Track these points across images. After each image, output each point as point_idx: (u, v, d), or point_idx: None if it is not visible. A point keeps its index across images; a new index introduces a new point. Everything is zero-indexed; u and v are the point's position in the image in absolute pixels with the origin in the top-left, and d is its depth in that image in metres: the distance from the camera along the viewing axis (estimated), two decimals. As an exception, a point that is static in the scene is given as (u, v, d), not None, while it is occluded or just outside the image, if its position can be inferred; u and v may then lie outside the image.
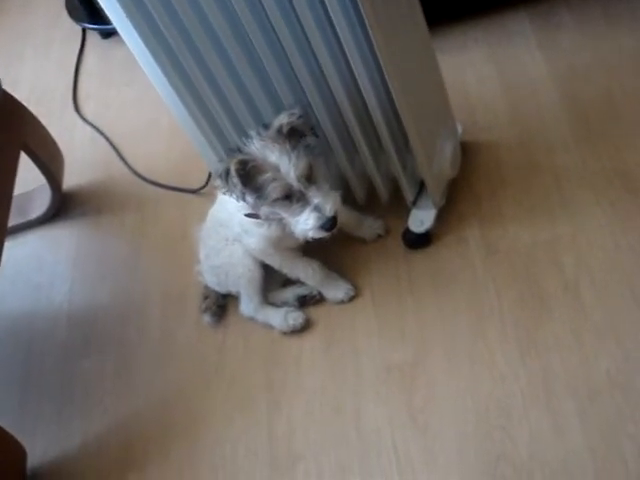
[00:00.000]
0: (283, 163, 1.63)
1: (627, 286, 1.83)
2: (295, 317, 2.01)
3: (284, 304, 2.06)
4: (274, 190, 1.65)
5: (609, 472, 1.61)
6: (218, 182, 1.69)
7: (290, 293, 2.06)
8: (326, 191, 1.69)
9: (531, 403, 1.74)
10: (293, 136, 1.66)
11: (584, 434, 1.66)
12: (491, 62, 2.37)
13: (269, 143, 1.64)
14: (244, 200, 1.68)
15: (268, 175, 1.63)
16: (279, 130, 1.66)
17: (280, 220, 1.77)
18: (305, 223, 1.69)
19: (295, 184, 1.65)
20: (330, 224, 1.68)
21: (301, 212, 1.68)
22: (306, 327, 2.01)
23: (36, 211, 2.53)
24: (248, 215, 1.81)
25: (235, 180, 1.61)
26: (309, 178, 1.67)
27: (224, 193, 1.69)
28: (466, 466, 1.70)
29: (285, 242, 1.91)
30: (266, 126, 1.69)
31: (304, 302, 2.05)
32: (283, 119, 1.66)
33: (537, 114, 2.21)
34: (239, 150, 1.67)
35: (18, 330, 2.32)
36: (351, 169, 1.96)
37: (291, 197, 1.67)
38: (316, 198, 1.67)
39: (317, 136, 1.73)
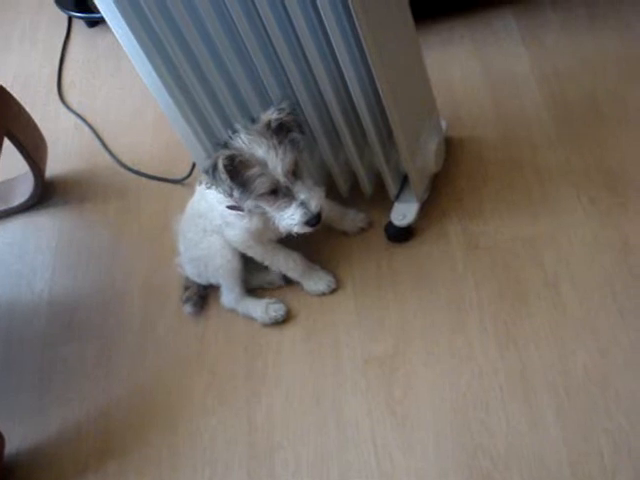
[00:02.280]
0: (270, 158, 1.63)
1: (606, 282, 1.85)
2: (276, 309, 2.02)
3: (269, 284, 2.08)
4: (261, 185, 1.65)
5: (585, 466, 1.63)
6: (205, 177, 1.69)
7: (273, 273, 2.06)
8: (311, 187, 1.70)
9: (509, 397, 1.75)
10: (280, 131, 1.67)
11: (561, 428, 1.68)
12: (476, 59, 2.39)
13: (257, 137, 1.64)
14: (231, 195, 1.69)
15: (255, 170, 1.64)
16: (267, 125, 1.66)
17: (262, 213, 1.77)
18: (291, 218, 1.70)
19: (282, 179, 1.65)
20: (315, 220, 1.70)
21: (287, 207, 1.69)
22: (287, 318, 2.02)
23: (18, 198, 2.51)
24: (230, 207, 1.82)
25: (223, 176, 1.61)
26: (295, 173, 1.68)
27: (209, 188, 1.69)
28: (444, 457, 1.71)
29: (266, 234, 1.91)
30: (253, 120, 1.70)
31: (289, 279, 2.06)
32: (272, 114, 1.66)
33: (521, 111, 2.22)
34: (225, 145, 1.66)
35: (-2, 317, 2.31)
36: (335, 162, 1.97)
37: (277, 192, 1.68)
38: (302, 194, 1.68)
39: (304, 133, 1.73)
